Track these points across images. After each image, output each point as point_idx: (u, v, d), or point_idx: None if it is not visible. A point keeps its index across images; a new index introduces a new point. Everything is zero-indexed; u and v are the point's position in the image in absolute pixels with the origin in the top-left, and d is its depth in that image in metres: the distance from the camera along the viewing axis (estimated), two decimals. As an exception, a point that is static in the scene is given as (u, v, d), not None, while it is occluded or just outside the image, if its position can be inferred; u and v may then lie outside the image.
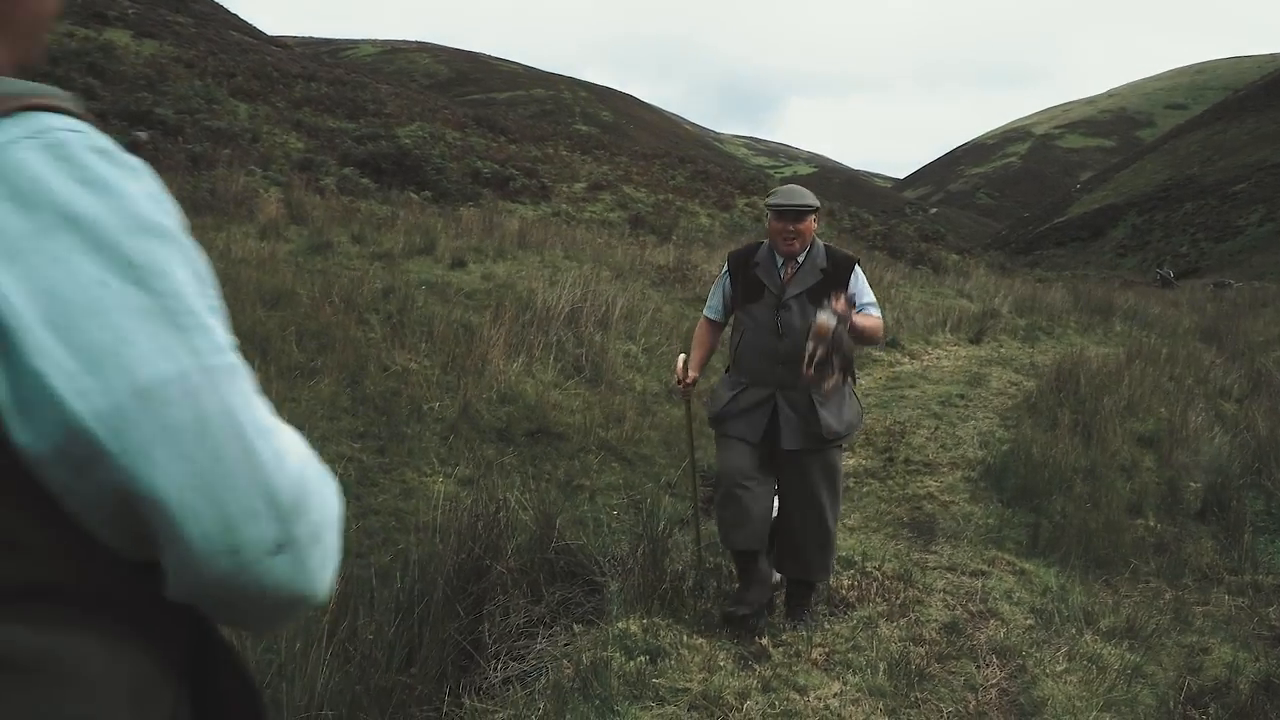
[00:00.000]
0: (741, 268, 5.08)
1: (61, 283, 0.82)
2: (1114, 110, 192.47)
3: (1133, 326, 17.41)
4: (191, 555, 0.87)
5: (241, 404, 0.89)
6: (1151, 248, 65.24)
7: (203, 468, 0.85)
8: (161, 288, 0.86)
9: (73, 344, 0.82)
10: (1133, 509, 7.41)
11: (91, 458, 0.83)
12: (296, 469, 0.93)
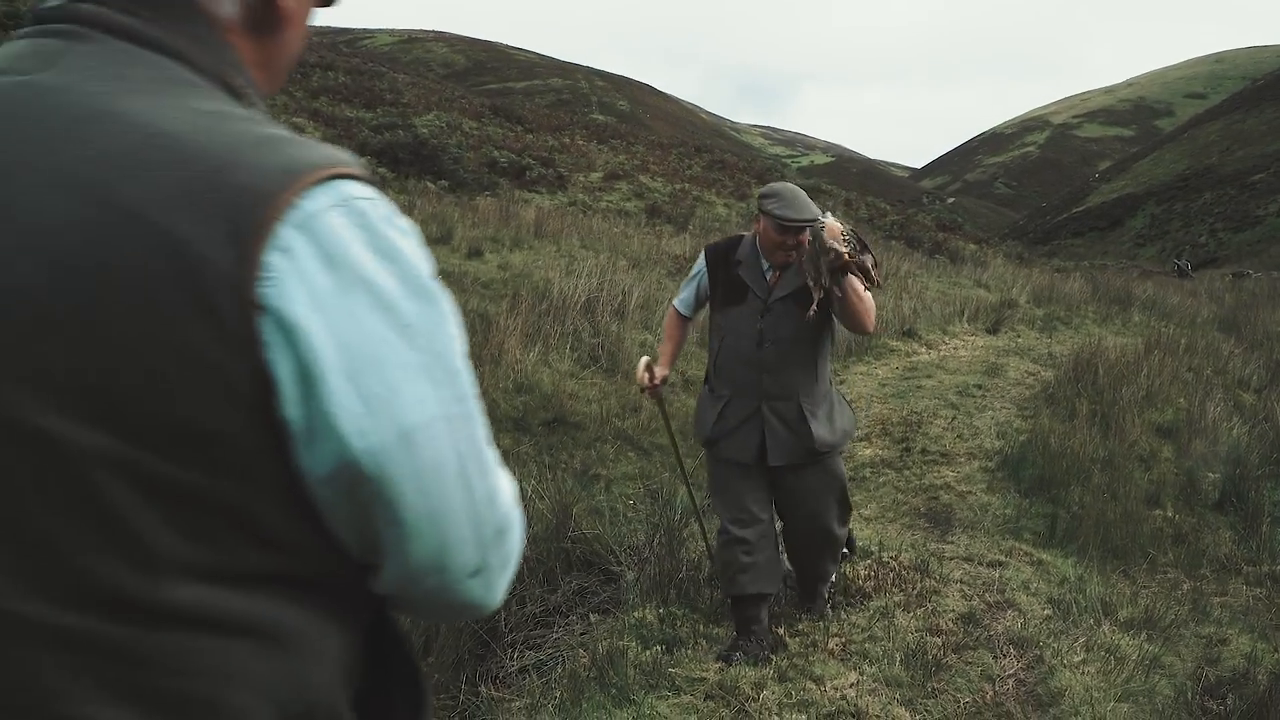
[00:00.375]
0: (721, 265, 4.60)
1: (354, 336, 0.94)
2: (1133, 100, 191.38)
3: (1151, 316, 17.33)
4: (408, 569, 1.03)
5: (470, 449, 1.02)
6: (1170, 237, 64.90)
7: (434, 501, 0.99)
8: (424, 345, 0.99)
9: (359, 390, 0.94)
10: (1151, 499, 7.38)
11: (356, 483, 0.96)
12: (504, 508, 1.08)
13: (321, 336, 0.93)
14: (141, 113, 0.95)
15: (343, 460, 0.95)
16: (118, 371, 0.89)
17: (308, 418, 0.94)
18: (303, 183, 0.95)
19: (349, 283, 0.95)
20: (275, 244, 0.92)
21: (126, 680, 0.92)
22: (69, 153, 0.92)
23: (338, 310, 0.94)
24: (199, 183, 0.91)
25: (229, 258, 0.90)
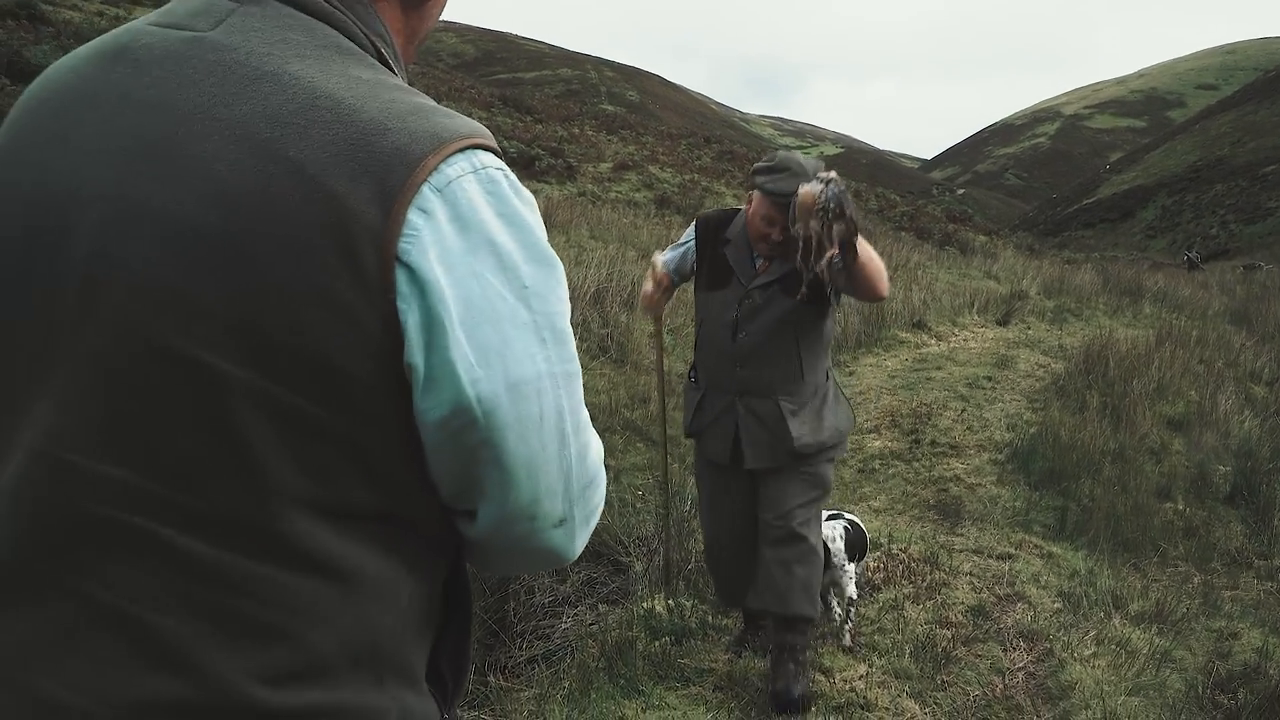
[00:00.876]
0: (710, 241, 4.10)
1: (476, 293, 1.03)
2: (1144, 90, 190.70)
3: (1162, 309, 17.27)
4: (503, 515, 1.11)
5: (570, 405, 1.11)
6: (1181, 229, 64.71)
7: (534, 450, 1.08)
8: (538, 307, 1.08)
9: (475, 341, 1.03)
10: (1161, 492, 7.37)
11: (465, 427, 1.04)
12: (593, 464, 1.17)
13: (448, 291, 1.01)
14: (307, 75, 1.05)
15: (456, 405, 1.03)
16: (266, 308, 0.98)
17: (428, 365, 1.02)
18: (447, 150, 1.04)
19: (477, 244, 1.04)
20: (418, 204, 1.01)
21: (212, 601, 1.00)
22: (242, 108, 1.02)
23: (464, 269, 1.03)
24: (355, 144, 1.01)
25: (376, 213, 0.99)
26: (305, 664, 1.04)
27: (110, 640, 1.00)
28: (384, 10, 1.20)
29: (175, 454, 1.00)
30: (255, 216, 0.98)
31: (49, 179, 1.05)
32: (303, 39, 1.09)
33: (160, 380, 0.99)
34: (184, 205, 0.99)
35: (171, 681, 0.99)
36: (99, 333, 1.01)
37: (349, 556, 1.06)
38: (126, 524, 1.00)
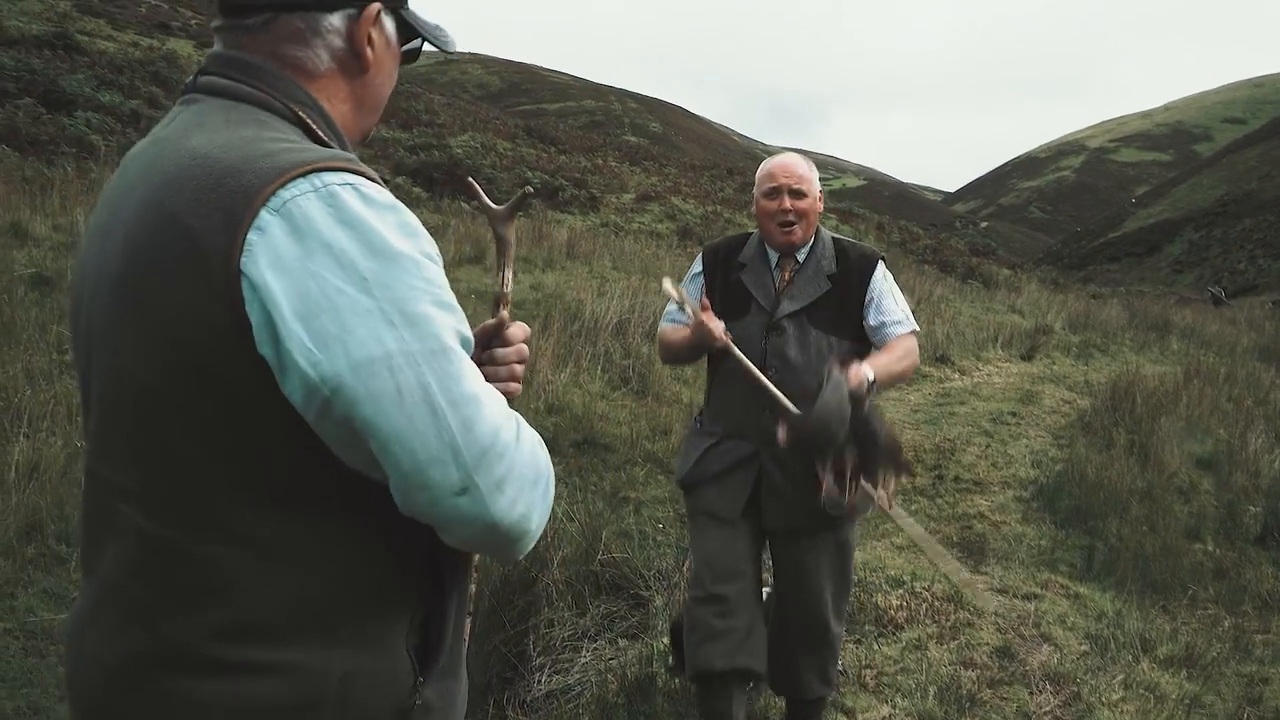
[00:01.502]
0: (721, 269, 3.75)
1: (312, 289, 1.19)
2: (1170, 124, 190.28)
3: (1190, 344, 17.13)
4: (398, 486, 1.24)
5: (437, 380, 1.22)
6: (1209, 264, 64.39)
7: (399, 423, 1.20)
8: (381, 295, 1.21)
9: (312, 330, 1.19)
10: (1190, 533, 7.27)
11: (323, 406, 1.21)
12: (486, 433, 1.24)
13: (279, 292, 1.19)
14: (196, 144, 1.30)
15: (306, 387, 1.20)
16: (164, 329, 1.24)
17: (277, 355, 1.20)
18: (286, 177, 1.23)
19: (312, 249, 1.21)
20: (256, 225, 1.21)
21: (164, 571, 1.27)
22: (152, 180, 1.30)
23: (299, 270, 1.20)
24: (212, 188, 1.24)
25: (224, 239, 1.21)
26: (244, 624, 1.26)
27: (112, 605, 1.31)
28: (325, 84, 1.46)
29: (133, 453, 1.30)
30: (147, 259, 1.26)
31: (81, 266, 1.43)
32: (218, 118, 1.35)
33: (118, 398, 1.31)
34: (113, 265, 1.31)
35: (143, 637, 1.27)
36: (95, 369, 1.36)
37: (268, 532, 1.27)
38: (114, 511, 1.31)
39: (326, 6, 1.44)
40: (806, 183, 3.63)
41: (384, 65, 1.54)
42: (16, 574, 4.62)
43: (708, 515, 3.68)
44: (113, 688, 1.29)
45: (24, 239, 8.73)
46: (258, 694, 1.26)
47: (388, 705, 1.35)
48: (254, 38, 1.43)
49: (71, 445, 5.58)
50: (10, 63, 17.32)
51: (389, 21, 1.53)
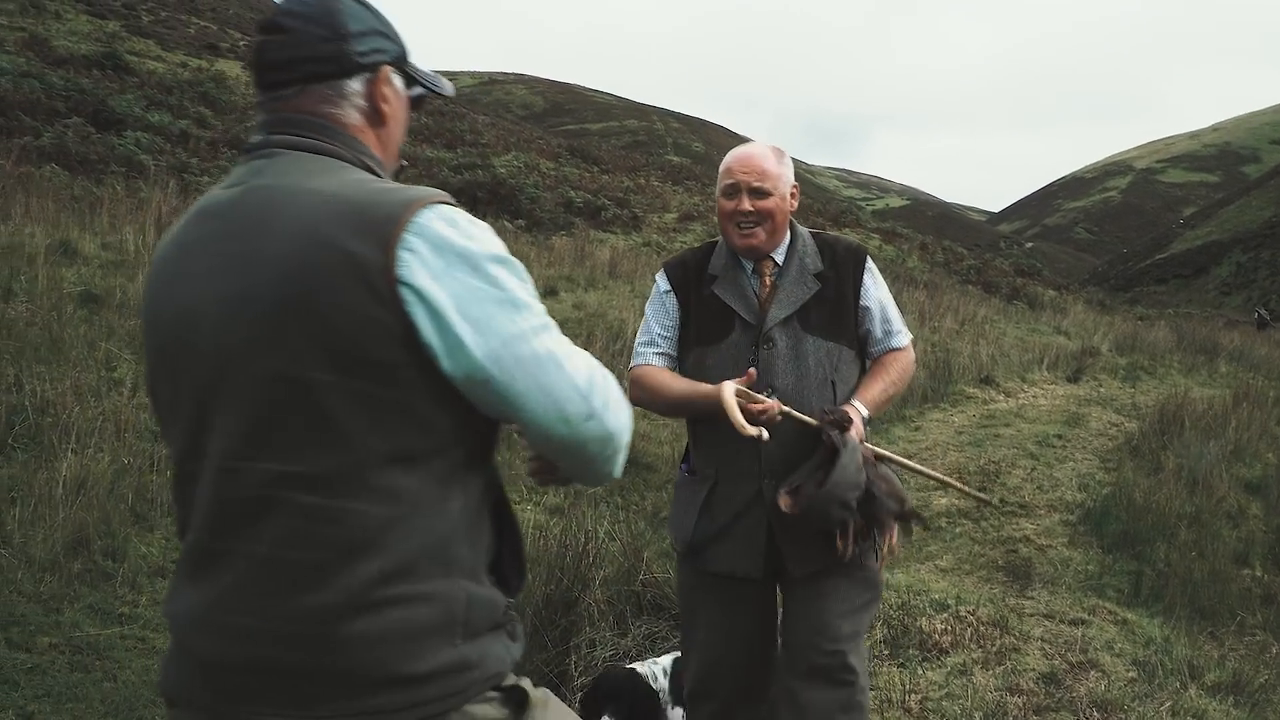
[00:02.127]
0: (691, 286, 3.26)
1: (459, 289, 1.55)
2: (1218, 145, 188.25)
3: (1239, 368, 16.91)
4: (544, 428, 1.61)
5: (551, 343, 1.60)
6: (1257, 286, 63.64)
7: (538, 378, 1.57)
8: (503, 288, 1.59)
9: (468, 319, 1.54)
10: (1239, 558, 7.17)
11: (485, 377, 1.56)
12: (586, 372, 1.62)
13: (439, 294, 1.54)
14: (320, 186, 1.61)
15: (472, 364, 1.55)
16: (330, 331, 1.53)
17: (444, 343, 1.54)
18: (415, 207, 1.57)
19: (451, 260, 1.56)
20: (403, 245, 1.54)
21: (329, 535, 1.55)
22: (288, 215, 1.59)
23: (447, 277, 1.55)
24: (356, 218, 1.56)
25: (379, 258, 1.53)
26: (396, 566, 1.56)
27: (270, 578, 1.57)
28: (362, 136, 1.77)
29: (297, 441, 1.56)
30: (310, 277, 1.54)
31: (175, 305, 1.66)
32: (315, 167, 1.66)
33: (282, 397, 1.56)
34: (267, 285, 1.56)
35: (315, 595, 1.55)
36: (237, 381, 1.58)
37: (412, 486, 1.58)
38: (270, 497, 1.56)
39: (346, 74, 1.75)
40: (771, 179, 3.13)
41: (397, 114, 1.84)
42: (63, 589, 4.67)
43: (718, 578, 3.17)
44: (284, 643, 1.56)
45: (73, 257, 8.87)
46: (414, 620, 1.58)
47: (489, 622, 1.69)
48: (292, 102, 1.73)
49: (119, 462, 5.65)
50: (60, 82, 17.64)
51: (396, 77, 1.83)
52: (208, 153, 16.81)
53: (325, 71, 1.73)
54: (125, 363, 7.02)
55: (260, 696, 1.58)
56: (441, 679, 1.61)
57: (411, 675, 1.58)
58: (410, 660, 1.58)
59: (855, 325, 3.23)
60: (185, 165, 15.32)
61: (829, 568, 3.08)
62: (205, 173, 15.42)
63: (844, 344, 3.18)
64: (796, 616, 3.17)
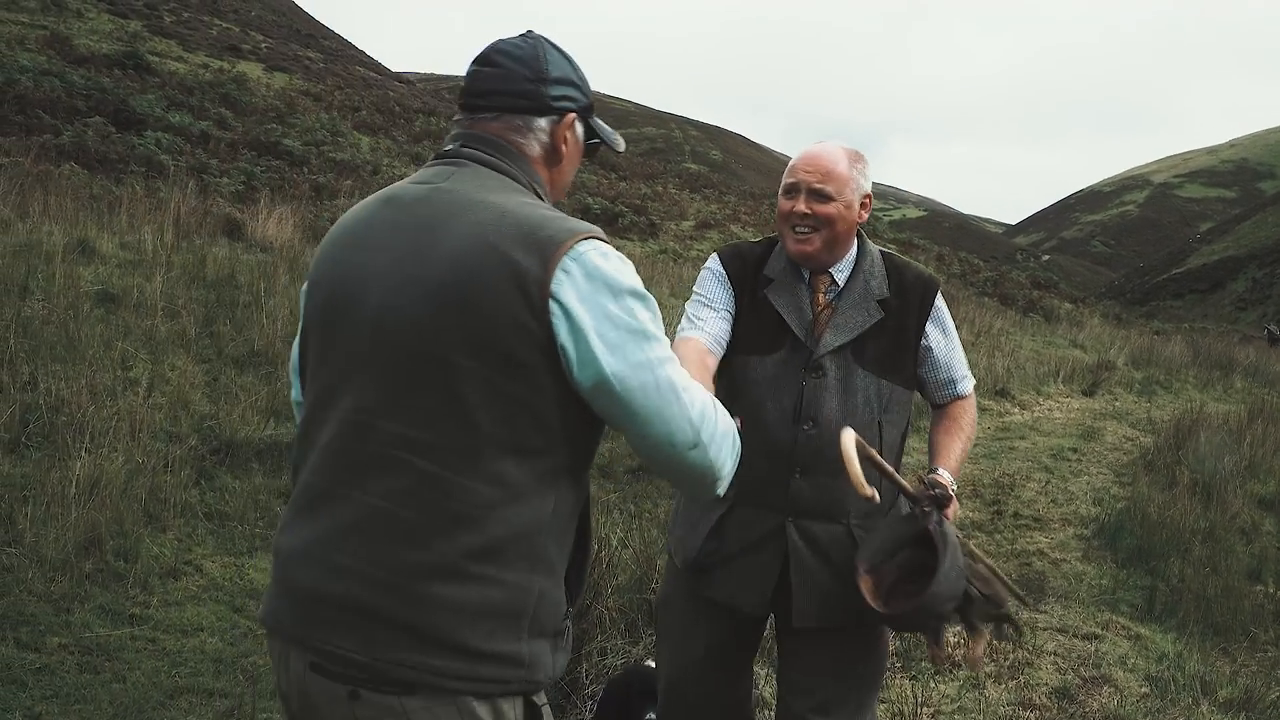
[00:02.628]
0: (747, 282, 2.95)
1: (600, 312, 1.74)
2: (1235, 160, 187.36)
3: (1254, 383, 16.82)
4: (650, 445, 1.80)
5: (673, 374, 1.78)
6: (1272, 301, 63.33)
7: (657, 403, 1.76)
8: (637, 319, 1.78)
9: (604, 340, 1.73)
10: (1252, 574, 7.12)
11: (609, 391, 1.75)
12: (699, 406, 1.80)
13: (583, 313, 1.73)
14: (498, 201, 1.83)
15: (599, 377, 1.73)
16: (482, 324, 1.73)
17: (578, 353, 1.73)
18: (578, 238, 1.78)
19: (598, 287, 1.76)
20: (562, 266, 1.74)
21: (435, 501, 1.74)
22: (466, 219, 1.80)
23: (591, 300, 1.74)
24: (526, 234, 1.76)
25: (539, 272, 1.73)
26: (485, 546, 1.74)
27: (374, 526, 1.75)
28: (537, 167, 2.00)
29: (427, 412, 1.75)
30: (475, 275, 1.74)
31: (349, 269, 1.87)
32: (494, 184, 1.89)
33: (424, 371, 1.76)
34: (436, 273, 1.76)
35: (413, 552, 1.73)
36: (387, 348, 1.79)
37: (519, 477, 1.77)
38: (392, 456, 1.76)
39: (538, 112, 1.99)
40: (836, 181, 2.81)
41: (572, 158, 2.08)
42: (74, 589, 4.68)
43: (710, 604, 2.93)
44: (379, 589, 1.73)
45: (91, 256, 8.89)
46: (490, 600, 1.74)
47: (551, 625, 1.85)
48: (487, 124, 1.98)
49: (133, 462, 5.67)
50: (81, 81, 17.72)
51: (579, 126, 2.07)
52: (228, 154, 16.87)
53: (521, 106, 1.97)
54: (141, 362, 7.04)
55: (338, 630, 1.75)
56: (497, 663, 1.77)
57: (476, 650, 1.74)
58: (478, 636, 1.74)
59: (914, 364, 2.93)
60: (205, 166, 15.38)
61: (839, 627, 2.83)
62: (225, 174, 15.48)
63: (898, 383, 2.87)
64: (793, 682, 2.93)
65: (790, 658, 2.95)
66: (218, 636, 4.63)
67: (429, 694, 1.73)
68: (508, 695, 1.79)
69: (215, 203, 12.83)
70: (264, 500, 5.92)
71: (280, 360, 7.57)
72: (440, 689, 1.73)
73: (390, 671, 1.72)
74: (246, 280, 9.08)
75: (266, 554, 5.51)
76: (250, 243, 11.36)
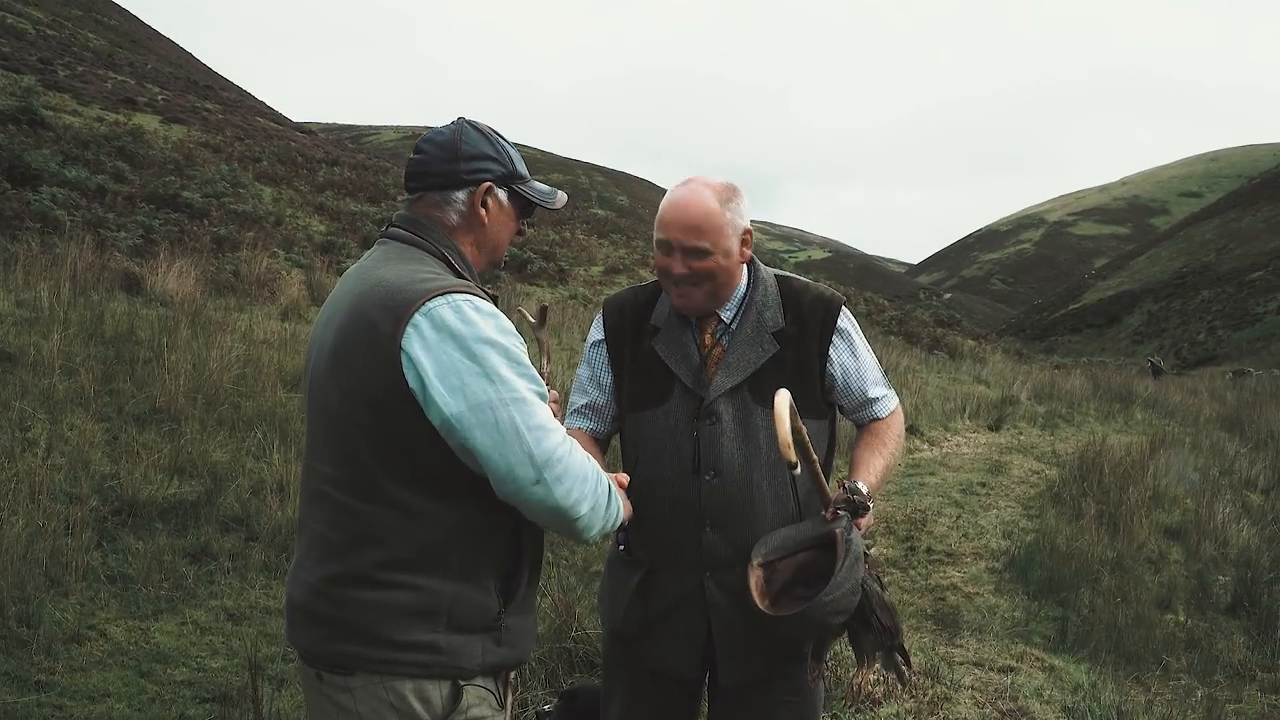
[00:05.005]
0: (629, 335, 2.85)
1: (443, 359, 1.99)
2: (1127, 198, 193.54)
3: (1153, 414, 17.28)
4: (496, 480, 2.01)
5: (521, 415, 1.99)
6: (1168, 334, 65.24)
7: (496, 440, 1.98)
8: (484, 364, 2.00)
9: (445, 383, 1.99)
10: (1162, 603, 7.27)
11: (453, 430, 1.99)
12: (549, 447, 2.00)
13: (427, 362, 1.99)
14: (382, 273, 2.14)
15: (443, 418, 1.99)
16: (358, 381, 2.05)
17: (424, 398, 2.00)
18: (431, 295, 2.04)
19: (445, 337, 2.00)
20: (411, 323, 2.01)
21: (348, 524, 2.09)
22: (356, 292, 2.13)
23: (437, 349, 2.00)
24: (387, 299, 2.05)
25: (391, 329, 2.02)
26: (396, 559, 2.06)
27: (318, 548, 2.14)
28: (457, 235, 2.28)
29: (333, 454, 2.11)
30: (347, 339, 2.09)
31: (313, 339, 2.27)
32: (397, 256, 2.20)
33: (327, 421, 2.13)
34: (331, 341, 2.13)
35: (337, 566, 2.10)
36: (313, 404, 2.19)
37: (414, 501, 2.06)
38: (321, 491, 2.14)
39: (454, 186, 2.27)
40: (709, 234, 2.62)
41: (498, 220, 2.33)
42: (-25, 656, 4.49)
43: (648, 674, 2.85)
44: (316, 594, 2.12)
45: (-14, 314, 8.62)
46: (401, 601, 2.06)
47: (480, 623, 2.14)
48: (413, 204, 2.31)
49: (34, 525, 5.48)
50: (-26, 138, 17.25)
51: (502, 193, 2.33)
52: (125, 208, 16.50)
53: (437, 183, 2.27)
54: (39, 422, 6.82)
55: (303, 629, 2.16)
56: (415, 651, 2.07)
57: (394, 641, 2.06)
58: (396, 630, 2.06)
59: (821, 392, 2.78)
60: (102, 220, 15.01)
61: (764, 681, 2.75)
62: (122, 227, 15.13)
63: (807, 416, 2.60)
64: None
65: (723, 717, 2.86)
66: (125, 702, 4.48)
67: (365, 675, 2.08)
68: (432, 678, 2.10)
69: (113, 257, 12.51)
70: (168, 561, 5.75)
71: (183, 417, 7.40)
72: (372, 671, 2.08)
73: (335, 659, 2.11)
74: (147, 335, 8.87)
75: (172, 616, 5.36)
76: (150, 297, 11.12)
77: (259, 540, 6.28)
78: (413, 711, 2.09)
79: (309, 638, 2.16)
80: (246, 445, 7.36)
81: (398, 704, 2.08)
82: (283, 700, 4.51)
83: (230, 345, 8.98)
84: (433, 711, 2.11)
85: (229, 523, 6.40)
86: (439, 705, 2.11)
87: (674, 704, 2.89)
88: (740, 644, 2.69)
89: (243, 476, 6.91)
